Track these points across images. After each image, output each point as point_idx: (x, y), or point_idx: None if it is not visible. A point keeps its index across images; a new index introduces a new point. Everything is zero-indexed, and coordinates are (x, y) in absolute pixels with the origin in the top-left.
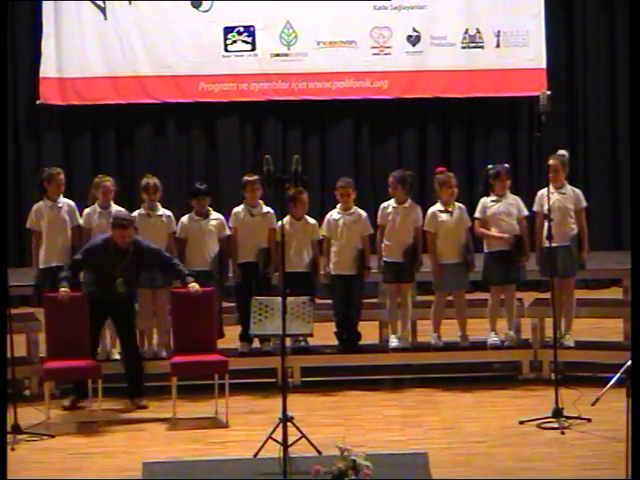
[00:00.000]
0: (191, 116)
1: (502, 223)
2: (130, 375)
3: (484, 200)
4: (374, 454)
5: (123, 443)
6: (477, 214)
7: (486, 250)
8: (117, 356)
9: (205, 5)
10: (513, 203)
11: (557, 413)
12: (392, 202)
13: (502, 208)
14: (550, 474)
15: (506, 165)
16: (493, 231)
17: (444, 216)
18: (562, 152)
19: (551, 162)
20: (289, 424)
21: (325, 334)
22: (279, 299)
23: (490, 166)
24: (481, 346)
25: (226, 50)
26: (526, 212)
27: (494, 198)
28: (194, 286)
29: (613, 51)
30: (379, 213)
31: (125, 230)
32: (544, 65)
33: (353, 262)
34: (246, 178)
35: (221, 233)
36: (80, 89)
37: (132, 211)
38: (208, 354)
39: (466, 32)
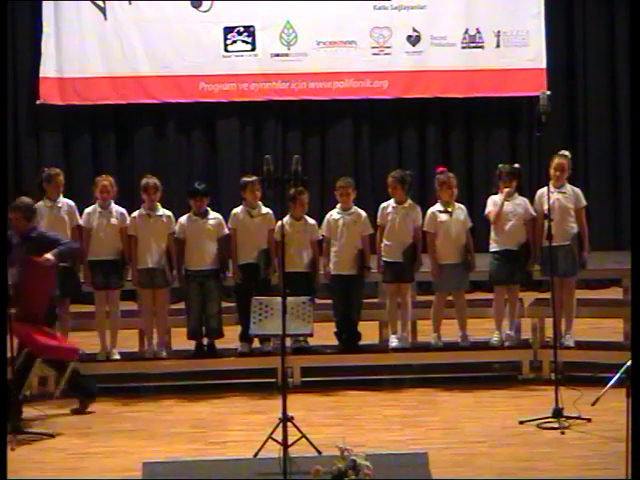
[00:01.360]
0: (191, 116)
1: (508, 222)
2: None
3: (493, 197)
4: (374, 454)
5: (123, 443)
6: (489, 208)
7: (491, 249)
8: (117, 356)
9: (205, 5)
10: (521, 204)
11: (557, 413)
12: (391, 202)
13: (509, 208)
14: (550, 474)
15: (516, 165)
16: (497, 231)
17: (443, 216)
18: (566, 152)
19: (560, 161)
20: (289, 424)
21: (325, 334)
22: (279, 299)
23: (501, 165)
24: (481, 346)
25: (226, 50)
26: (533, 214)
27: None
28: (46, 256)
29: (613, 51)
30: (378, 213)
31: (11, 213)
32: (544, 65)
33: (353, 262)
34: (246, 179)
35: (219, 233)
36: (80, 89)
37: (132, 211)
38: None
39: (466, 32)
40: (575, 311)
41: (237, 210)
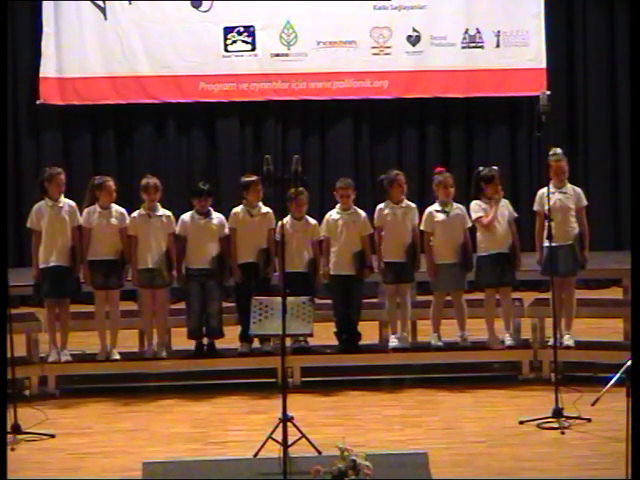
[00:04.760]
0: (191, 116)
1: (496, 224)
2: None
3: (478, 202)
4: (374, 454)
5: (123, 443)
6: (480, 212)
7: (482, 254)
8: (117, 356)
9: (205, 5)
10: (504, 205)
11: (557, 413)
12: (388, 203)
13: (497, 211)
14: (550, 474)
15: (495, 168)
16: (488, 235)
17: (440, 216)
18: (559, 150)
19: (558, 164)
20: (289, 424)
21: (325, 334)
22: (279, 299)
23: (481, 168)
24: (481, 346)
25: (226, 50)
26: (515, 215)
27: (487, 201)
28: None
29: (613, 51)
30: (375, 214)
31: None
32: (544, 65)
33: (352, 262)
34: (248, 179)
35: (222, 233)
36: (80, 89)
37: (132, 211)
38: None
39: (466, 32)
40: (575, 311)
41: (237, 209)
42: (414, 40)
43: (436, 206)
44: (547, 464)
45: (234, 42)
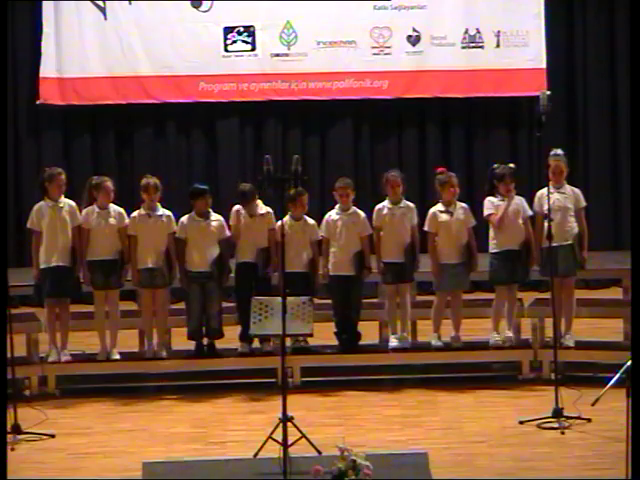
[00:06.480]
0: (191, 116)
1: (509, 223)
2: None
3: (491, 199)
4: (374, 454)
5: (123, 443)
6: (492, 210)
7: (492, 250)
8: (117, 356)
9: (205, 5)
10: (518, 203)
11: (557, 413)
12: (386, 203)
13: (509, 208)
14: (550, 474)
15: (511, 165)
16: (499, 232)
17: (444, 216)
18: (559, 151)
19: (556, 163)
20: (289, 424)
21: (325, 334)
22: (279, 299)
23: (495, 165)
24: (481, 346)
25: (226, 50)
26: (530, 212)
27: (500, 198)
28: None
29: (613, 51)
30: (374, 215)
31: None
32: (544, 65)
33: (352, 263)
34: (245, 190)
35: (221, 234)
36: (80, 89)
37: (132, 211)
38: None
39: (466, 32)
40: (575, 311)
41: (237, 207)
42: (414, 40)
43: (439, 206)
44: (547, 464)
45: (234, 42)
